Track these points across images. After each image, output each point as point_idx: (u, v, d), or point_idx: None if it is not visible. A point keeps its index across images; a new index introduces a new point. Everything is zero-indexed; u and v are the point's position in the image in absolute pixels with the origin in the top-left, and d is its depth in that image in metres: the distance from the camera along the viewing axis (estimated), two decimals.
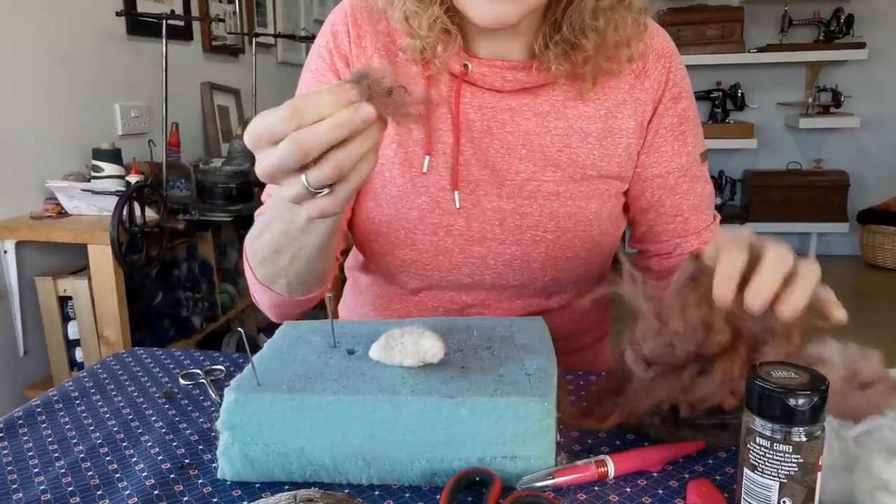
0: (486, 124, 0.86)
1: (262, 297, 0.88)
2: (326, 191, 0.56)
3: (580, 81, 0.86)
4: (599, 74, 0.85)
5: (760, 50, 4.17)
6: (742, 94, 4.30)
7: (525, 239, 0.88)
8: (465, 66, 0.85)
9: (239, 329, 0.68)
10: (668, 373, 0.64)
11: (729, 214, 4.38)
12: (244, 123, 3.02)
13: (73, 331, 1.96)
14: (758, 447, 0.52)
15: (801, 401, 0.50)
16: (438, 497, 0.58)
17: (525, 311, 0.93)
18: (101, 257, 1.84)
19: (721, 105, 4.31)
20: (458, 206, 0.86)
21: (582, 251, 0.89)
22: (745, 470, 0.53)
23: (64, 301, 1.95)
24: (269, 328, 2.77)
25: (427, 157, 0.86)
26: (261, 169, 0.56)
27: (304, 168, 0.55)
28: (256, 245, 0.82)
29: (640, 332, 0.66)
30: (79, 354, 1.97)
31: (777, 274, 0.59)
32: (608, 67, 0.84)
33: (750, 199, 4.31)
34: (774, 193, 4.24)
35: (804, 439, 0.50)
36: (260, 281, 0.85)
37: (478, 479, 0.59)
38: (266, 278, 0.84)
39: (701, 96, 4.34)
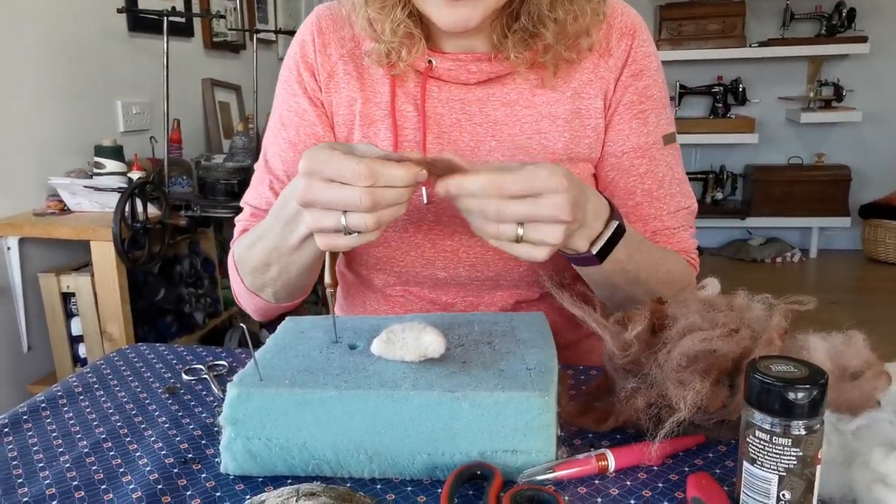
0: (455, 117, 0.87)
1: (248, 302, 0.92)
2: (356, 235, 0.65)
3: (543, 69, 0.86)
4: (561, 63, 0.86)
5: (762, 44, 4.15)
6: (743, 88, 4.29)
7: None
8: (430, 62, 0.86)
9: (241, 324, 0.69)
10: (646, 376, 0.64)
11: (730, 209, 4.37)
12: (245, 119, 3.02)
13: (76, 327, 1.97)
14: (757, 440, 0.52)
15: (800, 394, 0.50)
16: (440, 491, 0.59)
17: (506, 303, 0.93)
18: (104, 254, 1.84)
19: (722, 100, 4.29)
20: (425, 201, 0.87)
21: None
22: (745, 463, 0.53)
23: (67, 297, 1.95)
24: (271, 324, 2.77)
25: None
26: (312, 197, 0.64)
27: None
28: (246, 256, 0.86)
29: (607, 352, 0.67)
30: (82, 350, 1.97)
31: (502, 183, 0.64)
32: (568, 56, 0.84)
33: (751, 193, 4.30)
34: (775, 188, 4.23)
35: (803, 433, 0.50)
36: (248, 288, 0.89)
37: (479, 472, 0.59)
38: (254, 286, 0.88)
39: (702, 91, 4.33)
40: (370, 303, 0.98)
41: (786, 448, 0.51)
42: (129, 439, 0.70)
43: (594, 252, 0.74)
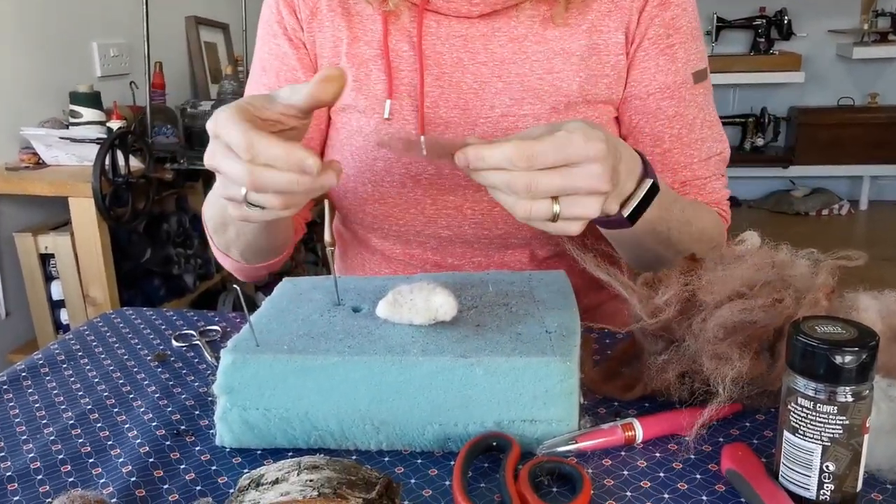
0: (457, 56, 0.86)
1: (224, 262, 0.95)
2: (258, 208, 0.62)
3: (554, 1, 0.84)
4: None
5: None
6: (789, 20, 4.20)
7: None
8: None
9: (235, 286, 0.69)
10: (678, 346, 0.64)
11: (772, 157, 4.32)
12: (234, 62, 3.00)
13: (56, 291, 1.99)
14: (799, 408, 0.52)
15: (847, 358, 0.50)
16: (452, 463, 0.59)
17: (519, 262, 0.93)
18: (84, 211, 1.85)
19: (765, 34, 4.21)
20: (424, 152, 0.86)
21: None
22: (786, 433, 0.54)
23: (45, 259, 1.97)
24: (268, 286, 2.79)
25: (388, 102, 0.86)
26: (214, 163, 0.61)
27: None
28: (208, 214, 0.89)
29: (635, 316, 0.67)
30: (64, 316, 2.00)
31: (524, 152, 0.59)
32: None
33: (796, 139, 4.25)
34: (823, 133, 4.17)
35: (850, 399, 0.50)
36: (217, 247, 0.92)
37: (495, 444, 0.60)
38: (221, 246, 0.91)
39: (742, 24, 4.24)
40: (369, 265, 0.99)
41: (831, 416, 0.51)
42: (116, 410, 0.71)
43: (625, 214, 0.71)
